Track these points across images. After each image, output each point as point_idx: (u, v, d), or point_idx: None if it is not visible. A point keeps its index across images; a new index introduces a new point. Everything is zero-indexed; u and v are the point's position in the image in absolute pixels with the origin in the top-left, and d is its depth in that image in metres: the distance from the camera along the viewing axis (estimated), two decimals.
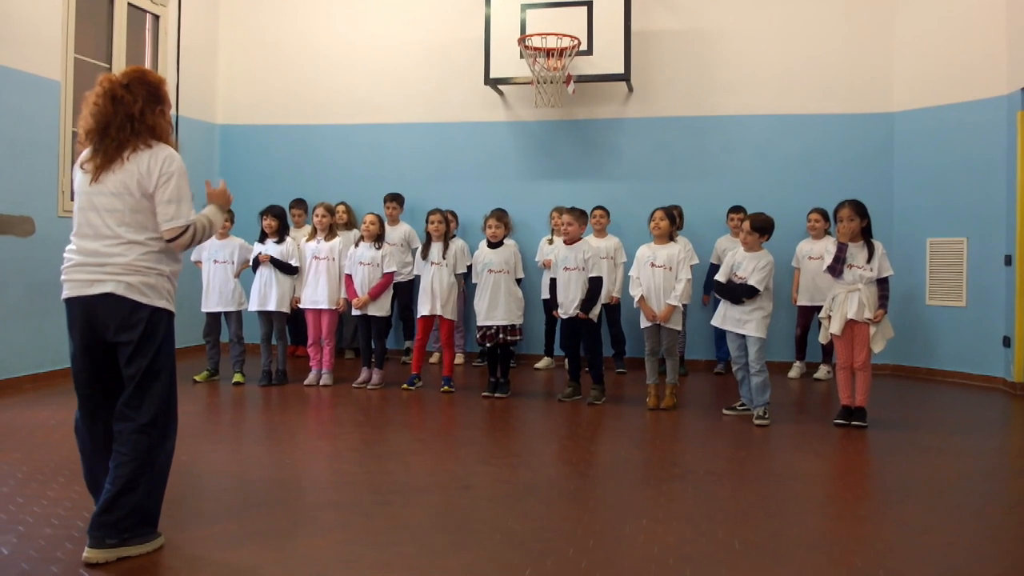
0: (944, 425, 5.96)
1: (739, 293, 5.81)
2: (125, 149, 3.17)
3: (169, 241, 3.21)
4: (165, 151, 3.22)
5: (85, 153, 3.25)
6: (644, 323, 6.29)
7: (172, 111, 3.44)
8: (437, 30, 8.94)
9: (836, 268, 5.64)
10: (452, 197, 8.57)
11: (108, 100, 3.18)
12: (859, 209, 5.61)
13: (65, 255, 3.25)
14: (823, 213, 7.54)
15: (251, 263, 7.13)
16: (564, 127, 8.70)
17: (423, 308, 6.89)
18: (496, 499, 4.03)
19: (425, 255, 6.92)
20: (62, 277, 3.23)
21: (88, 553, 3.06)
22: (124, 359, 3.18)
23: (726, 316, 5.91)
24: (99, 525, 3.06)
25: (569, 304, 6.36)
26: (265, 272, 7.07)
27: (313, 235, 7.22)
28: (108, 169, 3.17)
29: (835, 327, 5.63)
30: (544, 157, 8.77)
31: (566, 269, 6.39)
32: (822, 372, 7.67)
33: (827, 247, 7.06)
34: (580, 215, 6.55)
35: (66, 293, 3.21)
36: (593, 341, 6.44)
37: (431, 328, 7.04)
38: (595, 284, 6.32)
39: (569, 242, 6.46)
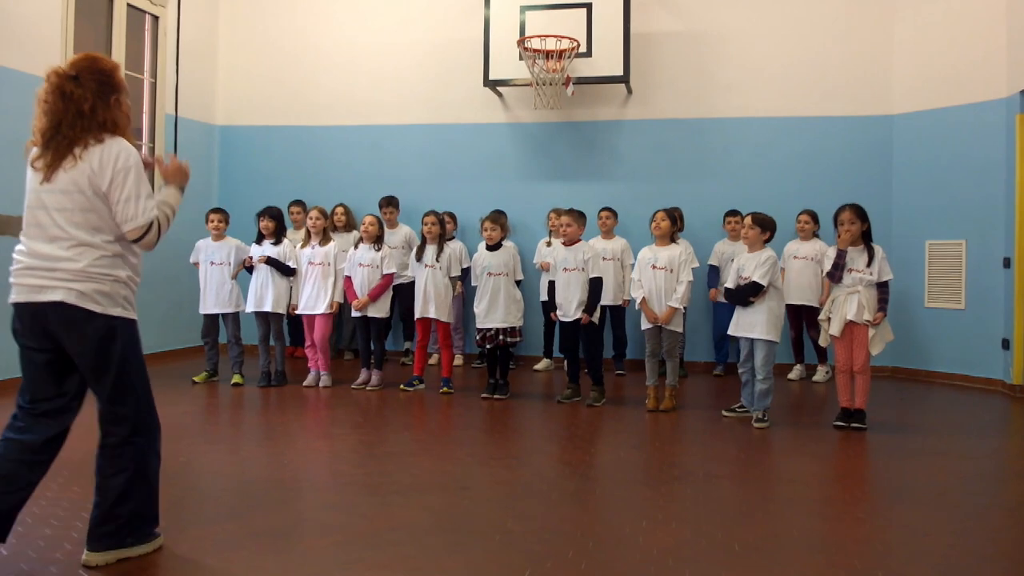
0: (943, 427, 5.96)
1: (745, 293, 5.79)
2: (76, 146, 2.97)
3: (134, 241, 3.03)
4: (118, 145, 3.00)
5: (35, 151, 3.09)
6: (645, 325, 6.29)
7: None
8: (436, 31, 8.94)
9: (835, 275, 5.65)
10: (451, 198, 8.57)
11: (57, 97, 2.99)
12: (859, 213, 5.62)
13: (14, 256, 3.06)
14: (812, 215, 7.56)
15: (245, 265, 7.12)
16: (563, 129, 8.70)
17: (417, 311, 6.89)
18: (495, 500, 4.03)
19: (419, 257, 6.92)
20: (11, 279, 3.04)
21: (87, 556, 3.05)
22: (89, 376, 3.03)
23: (739, 322, 5.88)
24: (98, 536, 3.06)
25: (568, 305, 6.36)
26: (262, 273, 7.07)
27: (308, 240, 7.20)
28: (59, 167, 2.97)
29: (835, 329, 5.63)
30: (543, 159, 8.78)
31: (565, 270, 6.39)
32: (820, 374, 7.68)
33: (827, 252, 7.10)
34: (579, 216, 6.54)
35: (14, 297, 3.02)
36: (593, 343, 6.44)
37: (430, 330, 7.04)
38: (596, 285, 6.32)
39: (568, 243, 6.46)
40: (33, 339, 3.02)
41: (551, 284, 6.60)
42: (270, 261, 7.02)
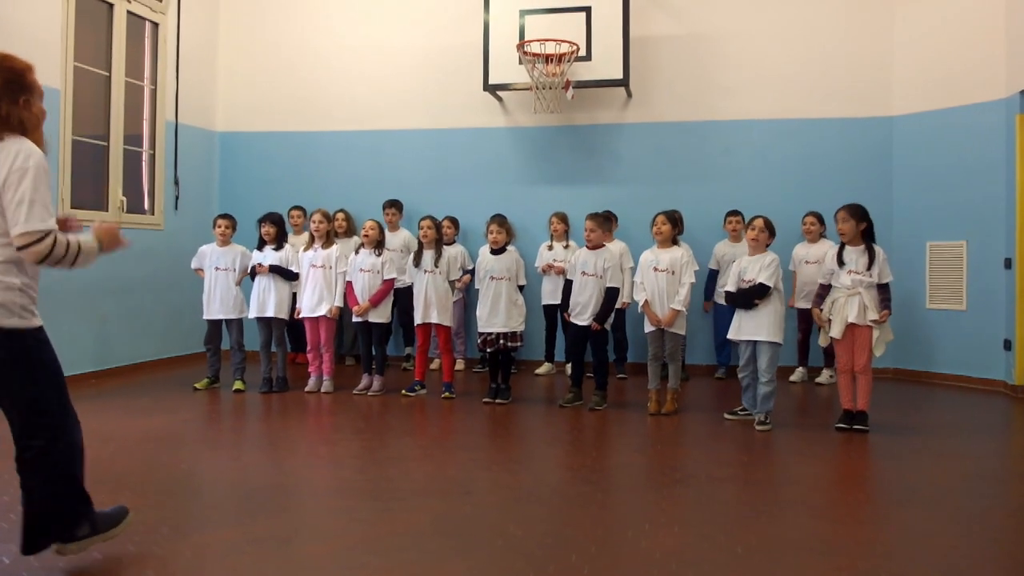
0: (945, 429, 5.96)
1: (751, 295, 5.77)
2: None
3: (20, 248, 2.76)
4: (19, 144, 2.79)
5: None
6: (648, 328, 6.29)
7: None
8: (436, 36, 8.96)
9: (822, 296, 5.80)
10: (451, 203, 8.58)
11: None
12: (853, 212, 5.62)
13: None
14: (818, 216, 7.57)
15: (249, 272, 7.13)
16: (563, 132, 8.71)
17: (417, 316, 6.89)
18: (497, 505, 4.03)
19: (417, 262, 6.92)
20: None
21: (58, 547, 3.04)
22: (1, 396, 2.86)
23: (741, 326, 5.86)
24: (40, 534, 3.00)
25: (582, 308, 6.35)
26: (264, 279, 7.07)
27: (311, 243, 7.21)
28: None
29: (835, 331, 5.62)
30: (543, 162, 8.78)
31: (584, 274, 6.38)
32: (824, 377, 7.67)
33: (825, 250, 7.12)
34: (604, 220, 6.52)
35: None
36: (601, 349, 6.44)
37: (430, 335, 7.04)
38: (612, 295, 6.32)
39: (592, 248, 6.45)
40: None
41: (567, 284, 6.59)
42: (274, 269, 7.02)
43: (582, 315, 6.36)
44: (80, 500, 3.08)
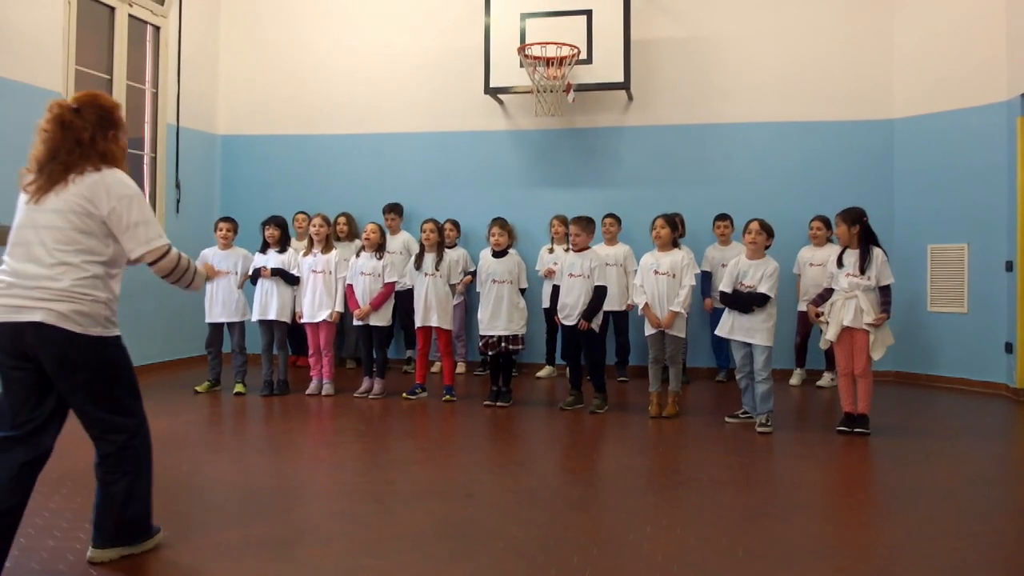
0: (947, 431, 5.95)
1: (751, 301, 5.77)
2: (71, 172, 3.01)
3: (152, 264, 3.11)
4: (116, 175, 3.06)
5: (29, 176, 3.12)
6: (648, 330, 6.29)
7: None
8: (437, 39, 8.97)
9: (820, 299, 5.82)
10: (453, 206, 8.58)
11: (57, 126, 3.06)
12: (844, 216, 5.65)
13: None
14: (825, 220, 7.56)
15: (251, 276, 7.13)
16: (564, 135, 8.71)
17: (418, 319, 6.89)
18: (499, 507, 4.03)
19: (418, 265, 6.92)
20: None
21: (92, 553, 3.16)
22: (72, 396, 3.04)
23: (734, 326, 5.86)
24: (104, 536, 3.16)
25: (572, 311, 6.36)
26: (266, 282, 7.07)
27: (310, 248, 7.20)
28: (51, 190, 3.00)
29: (831, 333, 5.62)
30: (544, 165, 8.79)
31: (571, 276, 6.39)
32: (826, 380, 7.66)
33: (830, 254, 7.11)
34: (587, 224, 6.52)
35: None
36: (594, 350, 6.43)
37: (430, 338, 7.05)
38: (599, 293, 6.32)
39: (577, 250, 6.46)
40: (11, 359, 2.99)
41: (555, 288, 6.60)
42: (276, 272, 7.03)
43: (571, 316, 6.37)
44: (149, 502, 3.27)
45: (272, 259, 7.11)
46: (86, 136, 3.05)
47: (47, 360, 2.96)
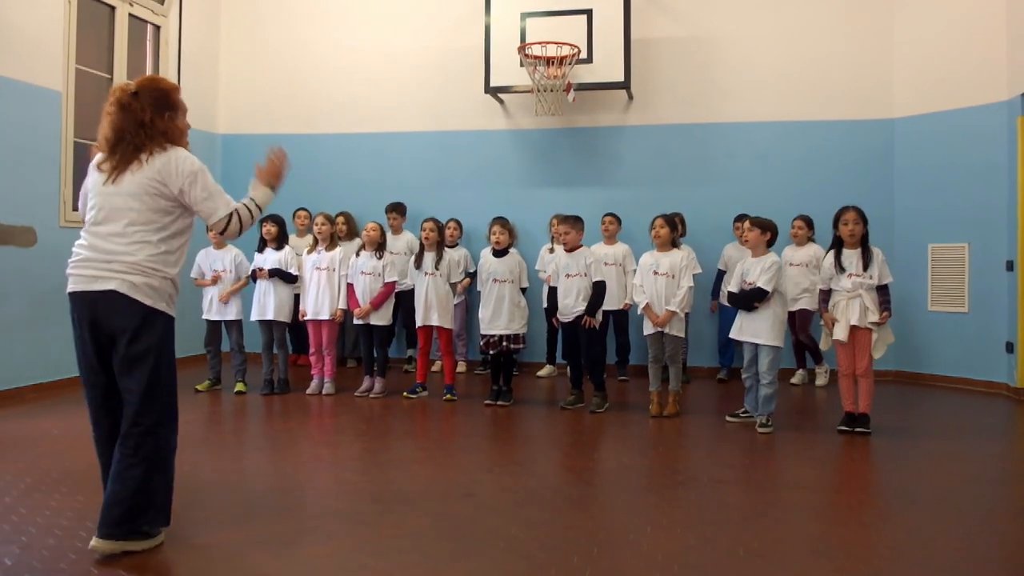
0: (948, 431, 5.95)
1: (750, 298, 5.80)
2: (142, 152, 3.24)
3: (220, 232, 3.39)
4: (180, 153, 3.30)
5: (100, 156, 3.33)
6: (648, 330, 6.29)
7: (186, 114, 3.51)
8: (437, 39, 8.97)
9: (824, 299, 5.81)
10: (453, 205, 8.58)
11: (118, 108, 3.28)
12: (863, 214, 5.64)
13: (74, 249, 3.30)
14: (807, 220, 7.56)
15: (250, 275, 7.13)
16: (565, 135, 8.71)
17: (419, 318, 6.90)
18: (499, 507, 4.03)
19: (418, 265, 6.92)
20: (68, 271, 3.29)
21: (95, 543, 3.17)
22: (125, 362, 3.21)
23: (742, 327, 5.88)
24: (110, 523, 3.18)
25: (569, 310, 6.36)
26: (263, 281, 7.07)
27: (314, 246, 7.22)
28: (126, 170, 3.24)
29: (841, 334, 5.60)
30: (545, 165, 8.78)
31: (568, 276, 6.39)
32: (820, 378, 7.67)
33: (811, 254, 7.21)
34: (575, 222, 6.53)
35: (71, 287, 3.27)
36: (593, 349, 6.43)
37: (431, 337, 7.05)
38: (599, 289, 6.32)
39: (569, 250, 6.46)
40: (86, 326, 3.25)
41: (552, 290, 6.60)
42: (274, 273, 7.03)
43: (570, 317, 6.37)
44: (165, 496, 3.33)
45: (269, 257, 7.11)
46: (146, 118, 3.26)
47: (114, 328, 3.20)
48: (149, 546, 3.27)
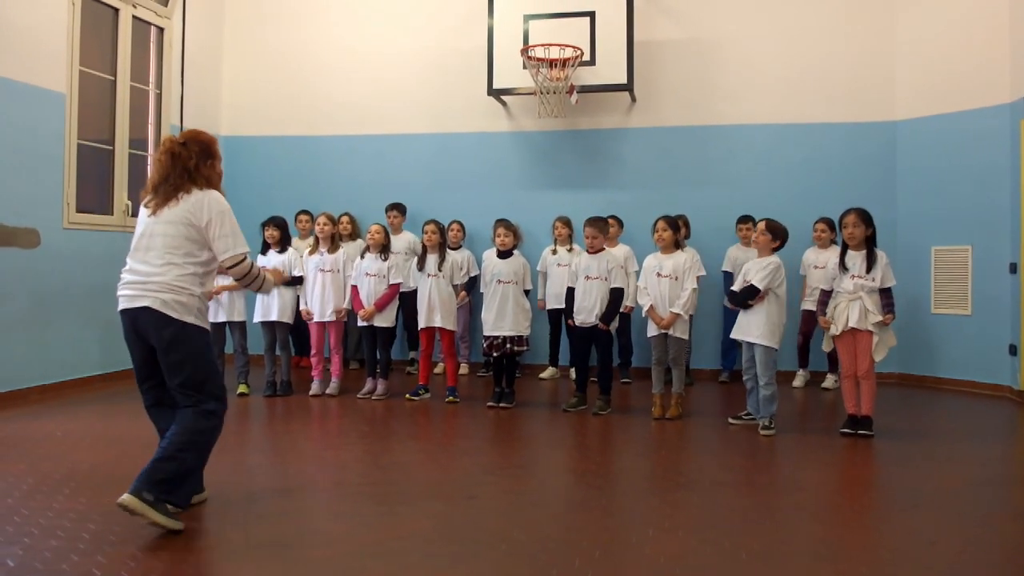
0: (951, 434, 5.94)
1: (743, 296, 5.81)
2: (180, 191, 3.71)
3: (229, 268, 3.79)
4: (213, 195, 3.76)
5: (148, 196, 3.81)
6: (651, 332, 6.28)
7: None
8: (440, 41, 8.97)
9: (823, 304, 5.79)
10: (455, 207, 8.58)
11: (168, 157, 3.76)
12: (864, 217, 5.61)
13: (121, 274, 3.76)
14: (829, 223, 7.53)
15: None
16: (567, 137, 8.71)
17: (421, 320, 6.90)
18: (501, 509, 4.03)
19: (421, 266, 6.92)
20: (117, 293, 3.74)
21: (124, 497, 3.40)
22: (168, 368, 3.66)
23: (739, 325, 5.92)
24: (142, 480, 3.46)
25: (588, 313, 6.36)
26: None
27: (316, 247, 7.22)
28: (165, 205, 3.70)
29: (835, 332, 5.61)
30: (547, 167, 8.79)
31: (587, 278, 6.38)
32: (829, 382, 7.65)
33: (832, 257, 7.12)
34: (603, 225, 6.55)
35: (119, 306, 3.72)
36: (606, 352, 6.44)
37: (434, 339, 7.05)
38: (616, 295, 6.33)
39: (593, 252, 6.46)
40: (133, 338, 3.73)
41: (570, 291, 6.59)
42: None
43: (587, 319, 6.37)
44: (194, 470, 3.73)
45: (272, 260, 7.11)
46: (192, 165, 3.77)
47: (154, 338, 3.65)
48: (168, 525, 3.47)
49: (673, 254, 6.28)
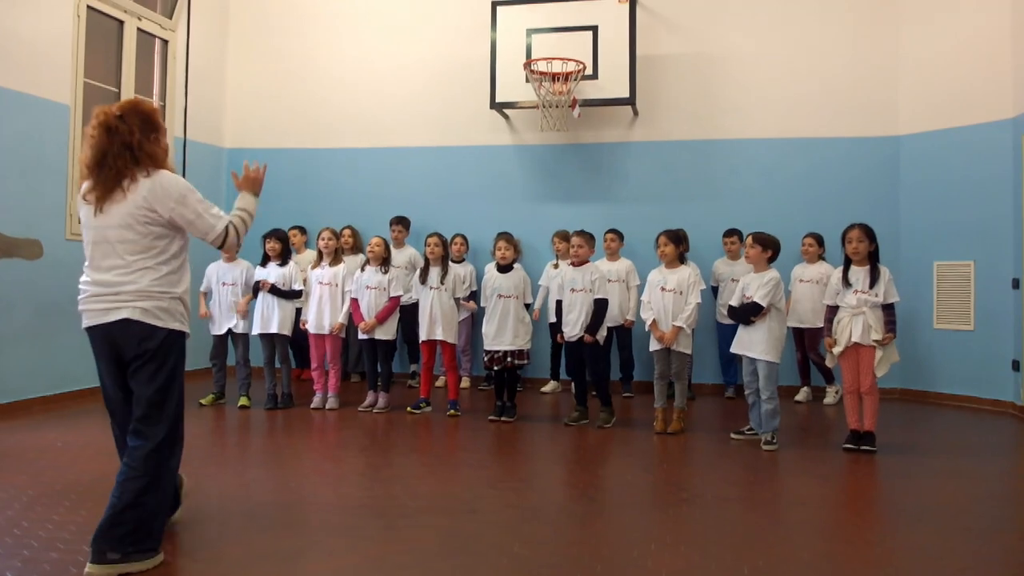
0: (953, 449, 5.92)
1: (746, 312, 5.81)
2: (124, 178, 3.25)
3: (219, 248, 3.46)
4: (164, 176, 3.32)
5: (86, 185, 3.33)
6: (654, 346, 6.27)
7: (171, 137, 3.51)
8: (443, 54, 9.01)
9: (830, 316, 5.75)
10: (458, 221, 8.59)
11: (104, 131, 3.26)
12: (868, 232, 5.61)
13: (80, 287, 3.36)
14: (817, 237, 7.56)
15: (252, 290, 7.14)
16: (570, 151, 8.73)
17: (423, 333, 6.90)
18: (502, 523, 4.01)
19: (424, 279, 6.92)
20: (79, 308, 3.35)
21: (90, 568, 3.10)
22: (139, 379, 3.29)
23: (740, 340, 5.92)
24: (103, 539, 3.12)
25: (574, 326, 6.36)
26: (267, 296, 7.07)
27: (319, 261, 7.23)
28: (110, 199, 3.26)
29: (839, 350, 5.61)
30: (550, 180, 8.80)
31: (573, 291, 6.40)
32: (830, 396, 7.64)
33: (832, 275, 7.13)
34: (589, 238, 6.56)
35: (85, 323, 3.34)
36: (598, 364, 6.43)
37: (435, 352, 7.04)
38: (600, 306, 6.32)
39: (577, 264, 6.47)
40: (107, 357, 3.34)
41: (558, 304, 6.60)
42: (273, 290, 7.03)
43: (573, 331, 6.37)
44: (157, 517, 3.29)
45: (272, 272, 7.11)
46: (134, 140, 3.27)
47: (130, 351, 3.28)
48: (148, 566, 3.20)
49: (677, 269, 6.28)
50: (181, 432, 3.42)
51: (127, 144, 3.25)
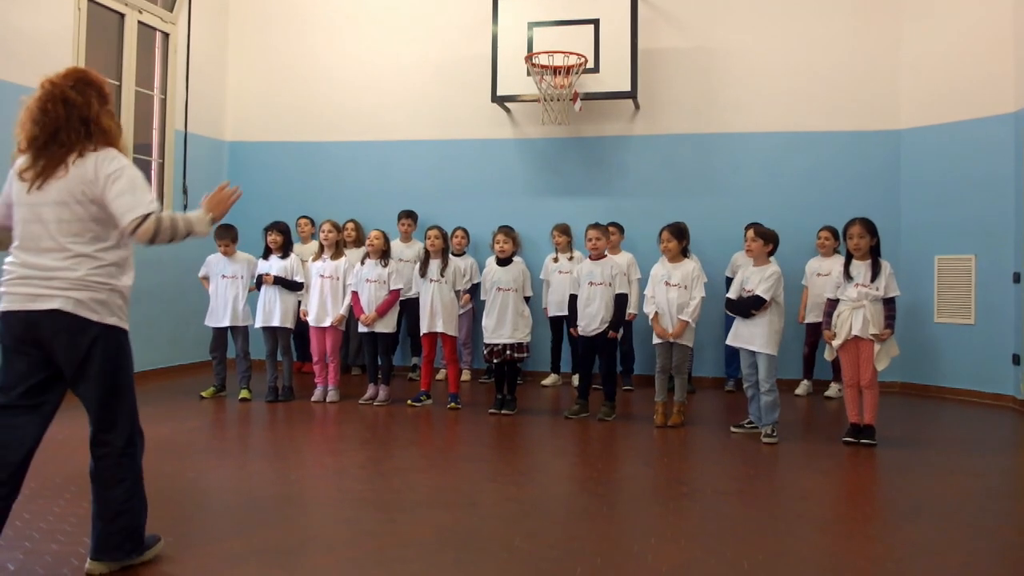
0: (954, 444, 5.92)
1: (747, 305, 5.81)
2: (72, 154, 2.95)
3: (132, 234, 2.96)
4: (109, 153, 3.00)
5: (23, 161, 3.02)
6: (656, 340, 6.28)
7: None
8: (444, 48, 8.99)
9: (830, 313, 5.74)
10: (459, 214, 8.59)
11: (59, 104, 2.98)
12: (869, 227, 5.61)
13: (5, 268, 3.00)
14: (832, 231, 7.53)
15: (255, 283, 7.15)
16: (571, 144, 8.72)
17: (423, 325, 6.90)
18: (503, 517, 4.01)
19: (424, 272, 6.92)
20: (1, 289, 3.01)
21: (91, 565, 3.11)
22: (80, 384, 3.02)
23: (737, 333, 5.93)
24: (102, 548, 3.11)
25: (592, 320, 6.35)
26: (270, 289, 7.08)
27: (320, 253, 7.23)
28: (51, 176, 2.94)
29: (838, 342, 5.61)
30: (551, 174, 8.79)
31: (591, 284, 6.39)
32: (833, 390, 7.63)
33: (835, 266, 7.12)
34: (604, 230, 6.58)
35: (5, 306, 2.98)
36: (611, 359, 6.44)
37: (436, 345, 7.04)
38: (622, 301, 6.34)
39: (595, 257, 6.47)
40: (25, 347, 2.98)
41: (572, 298, 6.58)
42: (278, 281, 7.04)
43: (591, 325, 6.36)
44: (144, 514, 3.20)
45: (275, 265, 7.11)
46: (92, 113, 3.01)
47: (62, 348, 2.96)
48: (149, 557, 3.24)
49: (681, 263, 6.28)
50: (139, 425, 3.18)
51: (84, 118, 2.98)
